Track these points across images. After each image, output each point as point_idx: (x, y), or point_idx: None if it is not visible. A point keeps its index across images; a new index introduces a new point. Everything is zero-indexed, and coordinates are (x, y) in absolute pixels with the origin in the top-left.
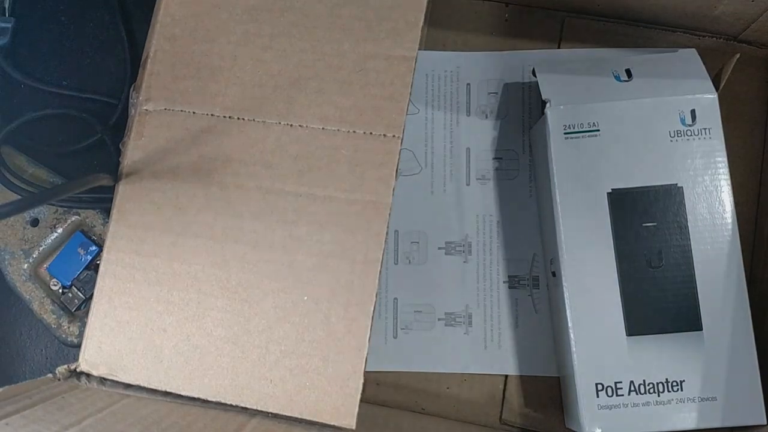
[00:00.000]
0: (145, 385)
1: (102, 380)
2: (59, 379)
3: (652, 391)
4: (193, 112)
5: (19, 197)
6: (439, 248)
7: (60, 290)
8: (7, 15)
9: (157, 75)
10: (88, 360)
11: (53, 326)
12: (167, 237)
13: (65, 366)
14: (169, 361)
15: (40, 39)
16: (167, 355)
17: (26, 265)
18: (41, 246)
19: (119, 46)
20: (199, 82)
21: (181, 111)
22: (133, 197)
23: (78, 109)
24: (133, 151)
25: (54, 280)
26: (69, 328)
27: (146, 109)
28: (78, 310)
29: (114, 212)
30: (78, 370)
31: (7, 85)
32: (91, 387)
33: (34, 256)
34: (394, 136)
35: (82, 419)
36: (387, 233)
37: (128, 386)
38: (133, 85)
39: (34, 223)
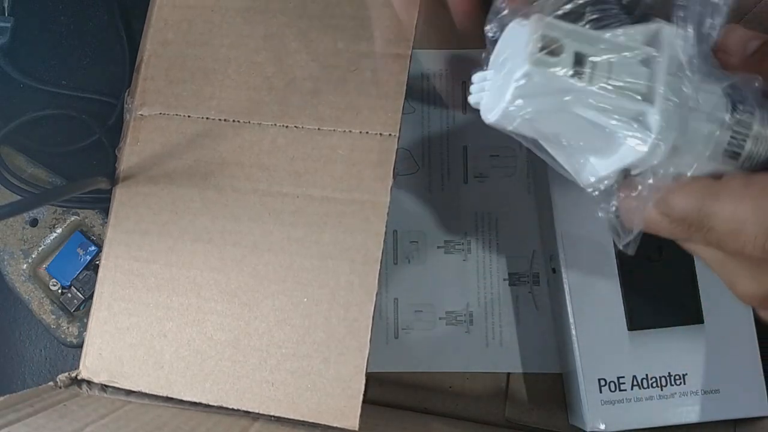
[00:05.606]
0: (147, 391)
1: (103, 387)
2: (60, 387)
3: (654, 385)
4: (188, 116)
5: (18, 198)
6: (439, 247)
7: (59, 290)
8: (6, 14)
9: (151, 79)
10: (89, 367)
11: (52, 326)
12: (165, 242)
13: (66, 373)
14: (169, 366)
15: (40, 39)
16: (168, 360)
17: (25, 265)
18: (40, 246)
19: (119, 46)
20: (194, 85)
21: (176, 115)
22: (130, 203)
23: (77, 109)
24: (129, 157)
25: (53, 280)
26: (68, 328)
27: (141, 114)
28: (77, 311)
29: (111, 218)
30: (79, 377)
31: (6, 85)
32: (93, 394)
33: (33, 256)
34: (390, 134)
35: (84, 426)
36: (386, 233)
37: (130, 393)
38: (127, 90)
39: (33, 223)
